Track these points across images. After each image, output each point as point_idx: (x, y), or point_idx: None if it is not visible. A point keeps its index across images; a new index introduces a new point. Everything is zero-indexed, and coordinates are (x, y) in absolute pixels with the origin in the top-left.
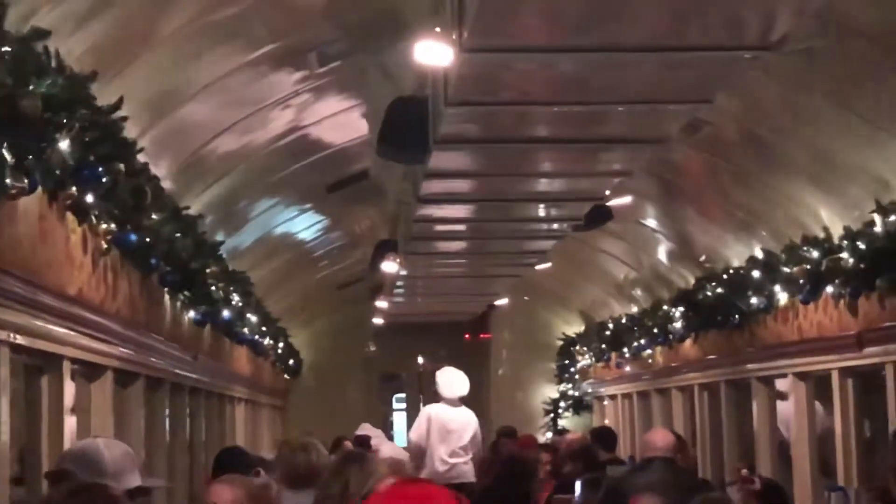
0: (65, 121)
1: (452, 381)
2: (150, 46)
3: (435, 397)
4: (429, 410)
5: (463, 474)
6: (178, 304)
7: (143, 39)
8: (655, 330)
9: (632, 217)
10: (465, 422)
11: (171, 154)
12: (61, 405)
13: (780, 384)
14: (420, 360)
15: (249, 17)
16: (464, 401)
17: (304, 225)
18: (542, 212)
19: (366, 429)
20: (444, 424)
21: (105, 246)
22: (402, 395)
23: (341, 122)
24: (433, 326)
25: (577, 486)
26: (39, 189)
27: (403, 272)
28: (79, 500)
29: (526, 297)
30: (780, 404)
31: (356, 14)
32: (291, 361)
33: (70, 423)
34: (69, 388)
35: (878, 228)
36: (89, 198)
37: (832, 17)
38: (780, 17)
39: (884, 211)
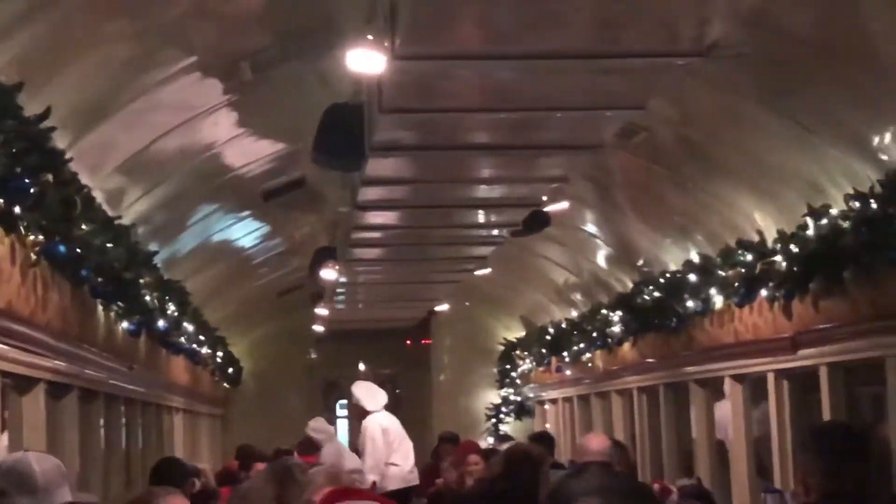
0: None
1: (373, 393)
2: (81, 55)
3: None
4: (377, 423)
5: (416, 477)
6: (112, 314)
7: (72, 48)
8: (595, 334)
9: (570, 222)
10: (401, 428)
11: (104, 163)
12: None
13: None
14: (362, 366)
15: (182, 25)
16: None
17: (243, 232)
18: (480, 218)
19: (319, 422)
20: (394, 432)
21: (34, 257)
22: (345, 402)
23: (276, 129)
24: (374, 333)
25: None
26: None
27: (343, 279)
28: None
29: (467, 303)
30: (717, 406)
31: (290, 22)
32: (231, 370)
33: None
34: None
35: (810, 232)
36: (17, 209)
37: (764, 22)
38: (712, 23)
39: (816, 214)
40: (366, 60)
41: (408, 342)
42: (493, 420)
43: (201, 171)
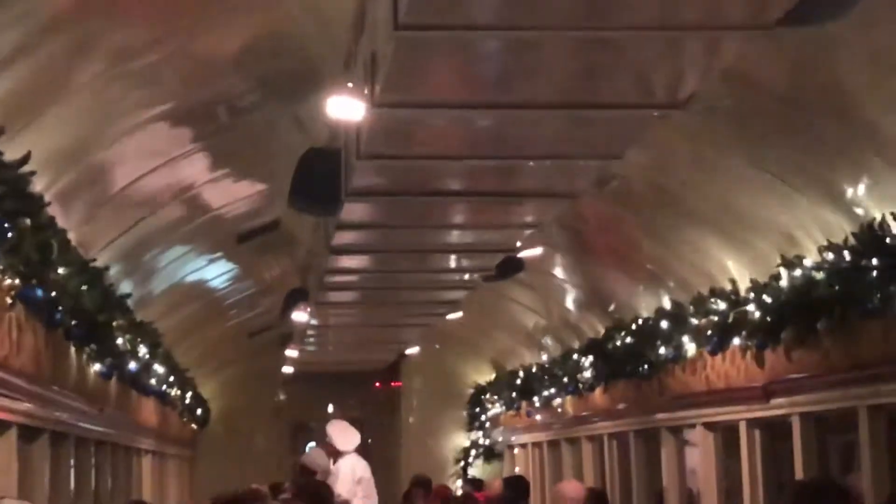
0: None
1: (346, 433)
2: (59, 99)
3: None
4: (350, 466)
5: None
6: (84, 356)
7: (51, 91)
8: (565, 379)
9: (542, 267)
10: (368, 471)
11: (79, 205)
12: None
13: (690, 434)
14: (331, 408)
15: (160, 69)
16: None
17: (215, 273)
18: (452, 263)
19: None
20: (363, 476)
21: (10, 301)
22: (313, 444)
23: (252, 172)
24: (344, 375)
25: None
26: None
27: (314, 321)
28: None
29: (437, 346)
30: (688, 454)
31: (268, 67)
32: (199, 411)
33: None
34: None
35: (784, 282)
36: None
37: (739, 75)
38: (688, 77)
39: (790, 265)
40: (345, 107)
41: (377, 385)
42: (462, 463)
43: (176, 213)
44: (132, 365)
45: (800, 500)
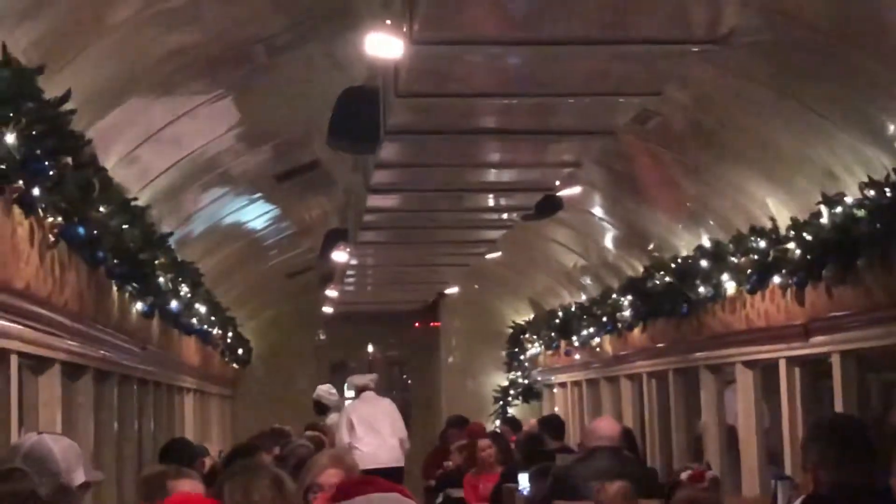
0: (11, 115)
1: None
2: (99, 37)
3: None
4: (347, 409)
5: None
6: (126, 295)
7: (90, 30)
8: (604, 318)
9: (581, 206)
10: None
11: (119, 145)
12: (8, 400)
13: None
14: (370, 348)
15: (198, 7)
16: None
17: (254, 214)
18: (491, 202)
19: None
20: (366, 415)
21: (52, 239)
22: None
23: (290, 112)
24: (383, 315)
25: (523, 476)
26: None
27: (353, 261)
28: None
29: (476, 286)
30: (728, 392)
31: (305, 5)
32: (241, 351)
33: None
34: (15, 383)
35: (824, 220)
36: (36, 191)
37: (779, 9)
38: (727, 10)
39: (830, 202)
40: (383, 45)
41: (416, 325)
42: (501, 403)
43: (215, 153)
44: (174, 304)
45: (817, 434)
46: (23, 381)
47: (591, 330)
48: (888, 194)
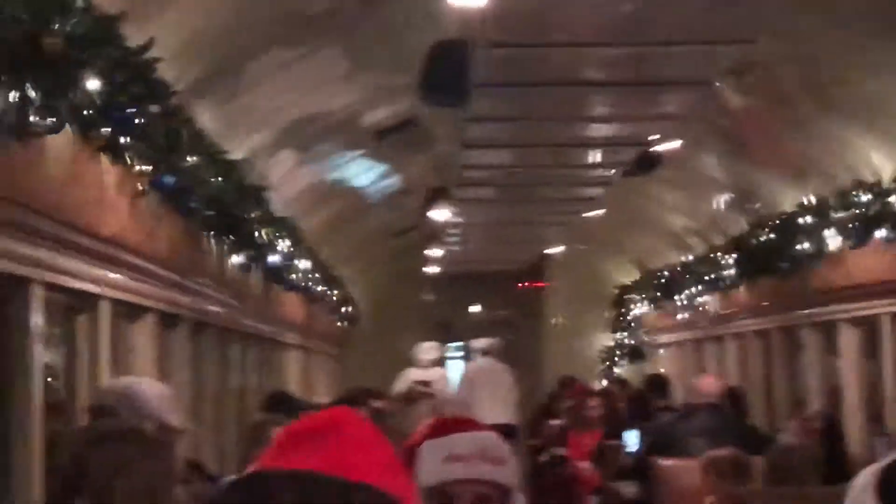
0: (91, 60)
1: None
2: None
3: None
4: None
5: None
6: (224, 248)
7: None
8: (709, 277)
9: (683, 163)
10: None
11: (213, 98)
12: (98, 346)
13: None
14: (475, 308)
15: None
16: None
17: (356, 171)
18: (589, 157)
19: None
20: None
21: (141, 188)
22: (457, 343)
23: (387, 68)
24: (487, 275)
25: (628, 434)
26: (70, 130)
27: (454, 219)
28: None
29: (581, 246)
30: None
31: None
32: (348, 309)
33: (111, 363)
34: (106, 329)
35: None
36: (123, 138)
37: None
38: None
39: None
40: None
41: (520, 285)
42: (607, 363)
43: (313, 109)
44: (273, 258)
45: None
46: (118, 329)
47: (696, 289)
48: None
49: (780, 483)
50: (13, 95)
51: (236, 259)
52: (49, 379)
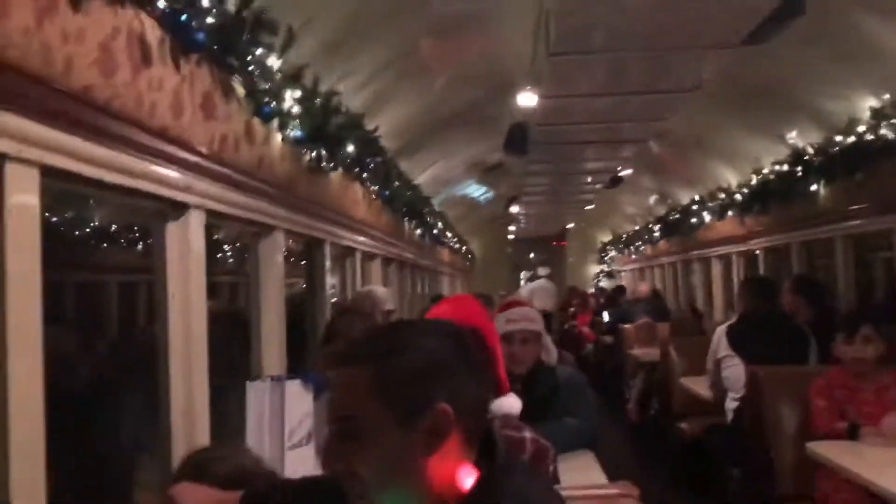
0: (349, 137)
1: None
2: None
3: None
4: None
5: None
6: (412, 226)
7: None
8: (646, 237)
9: (633, 181)
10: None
11: (409, 155)
12: (354, 273)
13: None
14: (531, 255)
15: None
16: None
17: (474, 189)
18: (588, 180)
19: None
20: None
21: (374, 198)
22: (526, 273)
23: (492, 138)
24: (538, 238)
25: (605, 313)
26: (340, 173)
27: (521, 212)
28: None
29: (582, 223)
30: None
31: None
32: (469, 256)
33: (361, 282)
34: (359, 265)
35: None
36: (364, 174)
37: None
38: None
39: None
40: (526, 100)
41: (554, 243)
42: (596, 280)
43: (455, 161)
44: (435, 231)
45: None
46: (365, 265)
47: (639, 243)
48: None
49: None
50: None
51: (417, 232)
52: (333, 290)
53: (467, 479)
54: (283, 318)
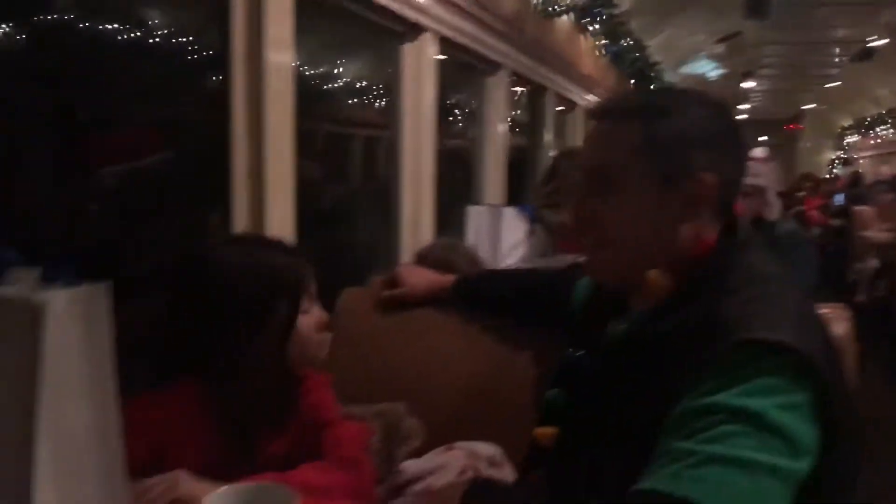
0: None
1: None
2: None
3: None
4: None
5: None
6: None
7: None
8: None
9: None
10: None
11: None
12: (574, 134)
13: None
14: (763, 139)
15: None
16: None
17: (704, 64)
18: (836, 50)
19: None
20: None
21: (598, 53)
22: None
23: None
24: (770, 121)
25: (837, 196)
26: (572, 18)
27: (755, 88)
28: None
29: (823, 105)
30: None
31: None
32: None
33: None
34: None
35: None
36: (591, 27)
37: None
38: None
39: None
40: None
41: (786, 127)
42: (830, 166)
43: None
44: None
45: None
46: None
47: (887, 125)
48: None
49: None
50: None
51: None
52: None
53: (708, 248)
54: (506, 154)
